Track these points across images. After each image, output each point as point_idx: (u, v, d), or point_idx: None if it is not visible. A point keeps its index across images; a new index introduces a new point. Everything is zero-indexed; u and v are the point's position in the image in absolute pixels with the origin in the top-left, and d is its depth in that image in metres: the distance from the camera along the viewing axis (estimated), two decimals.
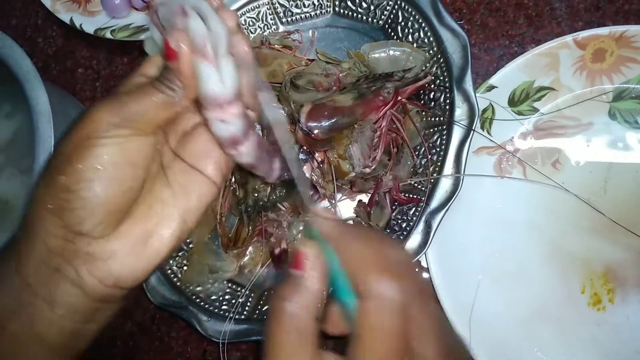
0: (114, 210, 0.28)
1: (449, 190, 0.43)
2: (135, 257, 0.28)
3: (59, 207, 0.27)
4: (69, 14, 0.54)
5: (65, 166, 0.27)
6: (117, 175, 0.27)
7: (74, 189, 0.26)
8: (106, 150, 0.27)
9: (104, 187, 0.27)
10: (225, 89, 0.26)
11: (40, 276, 0.28)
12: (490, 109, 0.46)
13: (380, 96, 0.43)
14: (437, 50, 0.45)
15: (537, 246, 0.45)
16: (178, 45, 0.26)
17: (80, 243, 0.27)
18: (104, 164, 0.27)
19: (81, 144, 0.27)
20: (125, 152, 0.27)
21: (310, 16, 0.51)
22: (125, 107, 0.27)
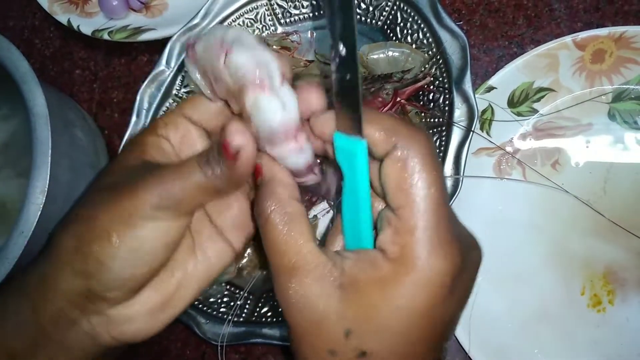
0: (140, 284, 0.28)
1: (448, 192, 0.42)
2: (151, 321, 0.28)
3: (87, 273, 0.26)
4: (67, 15, 0.54)
5: (101, 238, 0.26)
6: (152, 258, 0.27)
7: (105, 263, 0.26)
8: (145, 232, 0.26)
9: (136, 268, 0.27)
10: (292, 116, 0.25)
11: (56, 326, 0.28)
12: (490, 110, 0.46)
13: (379, 97, 0.43)
14: (436, 51, 0.45)
15: (537, 247, 0.45)
16: (237, 150, 0.24)
17: (100, 305, 0.27)
18: (141, 248, 0.26)
19: (121, 220, 0.26)
20: (164, 234, 0.27)
21: (309, 17, 0.51)
22: (169, 191, 0.26)
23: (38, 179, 0.41)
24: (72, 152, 0.47)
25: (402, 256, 0.23)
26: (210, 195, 0.27)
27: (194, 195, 0.26)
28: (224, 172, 0.25)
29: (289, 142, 0.25)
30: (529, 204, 0.45)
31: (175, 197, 0.26)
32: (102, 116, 0.56)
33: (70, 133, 0.48)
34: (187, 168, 0.26)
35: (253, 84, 0.24)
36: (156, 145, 0.29)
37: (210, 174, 0.25)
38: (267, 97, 0.24)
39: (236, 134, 0.24)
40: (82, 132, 0.50)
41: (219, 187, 0.26)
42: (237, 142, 0.24)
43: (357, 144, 0.24)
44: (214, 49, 0.25)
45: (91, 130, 0.52)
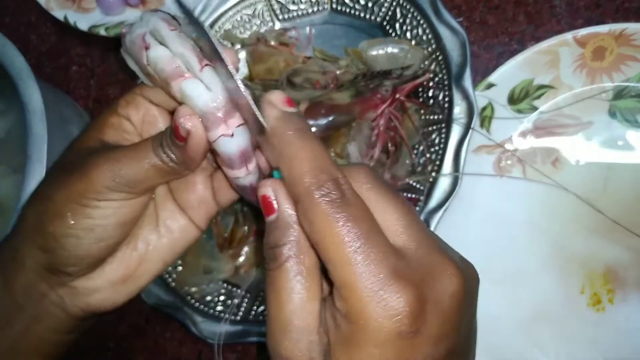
0: (97, 259, 0.28)
1: (447, 190, 0.42)
2: (115, 293, 0.29)
3: (46, 249, 0.27)
4: (63, 11, 0.54)
5: (56, 218, 0.27)
6: (106, 235, 0.27)
7: (62, 242, 0.27)
8: (101, 212, 0.27)
9: (90, 244, 0.27)
10: (216, 96, 0.25)
11: (27, 297, 0.28)
12: (490, 107, 0.45)
13: (378, 94, 0.43)
14: (435, 47, 0.45)
15: (537, 246, 0.45)
16: (187, 131, 0.25)
17: (63, 278, 0.28)
18: (96, 225, 0.27)
19: (75, 200, 0.26)
20: (118, 213, 0.27)
21: (307, 13, 0.50)
22: (122, 172, 0.26)
23: (33, 175, 0.41)
24: None
25: (349, 313, 0.20)
26: (164, 177, 0.27)
27: (147, 177, 0.27)
28: (177, 154, 0.26)
29: (219, 125, 0.25)
30: (528, 202, 0.45)
31: (128, 178, 0.26)
32: (98, 113, 0.55)
33: (66, 129, 0.48)
34: (140, 150, 0.27)
35: (174, 74, 0.25)
36: (117, 125, 0.29)
37: (163, 156, 0.26)
38: (189, 80, 0.25)
39: (185, 116, 0.25)
40: (78, 129, 0.50)
41: (172, 169, 0.27)
42: (186, 125, 0.25)
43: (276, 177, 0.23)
44: (136, 46, 0.26)
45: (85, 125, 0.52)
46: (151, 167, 0.26)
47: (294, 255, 0.22)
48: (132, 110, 0.29)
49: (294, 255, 0.22)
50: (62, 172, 0.28)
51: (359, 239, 0.20)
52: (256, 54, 0.49)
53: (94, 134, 0.29)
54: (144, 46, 0.26)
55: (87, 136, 0.29)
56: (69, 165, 0.28)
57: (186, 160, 0.26)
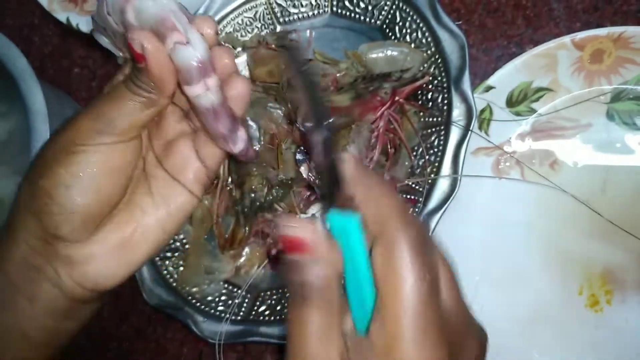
0: (91, 217, 0.28)
1: (446, 191, 0.42)
2: (114, 262, 0.29)
3: (38, 210, 0.27)
4: (66, 14, 0.54)
5: (46, 170, 0.27)
6: (97, 183, 0.27)
7: (52, 194, 0.27)
8: (88, 157, 0.27)
9: (83, 195, 0.27)
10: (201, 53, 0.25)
11: (22, 274, 0.28)
12: (488, 109, 0.46)
13: (378, 96, 0.43)
14: (435, 50, 0.45)
15: (535, 247, 0.45)
16: (141, 46, 0.25)
17: (58, 245, 0.28)
18: (84, 171, 0.27)
19: (63, 149, 0.27)
20: (107, 159, 0.27)
21: (307, 16, 0.51)
22: (104, 113, 0.27)
23: None
24: None
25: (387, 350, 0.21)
26: (142, 110, 0.27)
27: (128, 113, 0.27)
28: (144, 80, 0.26)
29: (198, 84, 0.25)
30: (527, 204, 0.45)
31: (111, 118, 0.27)
32: None
33: None
34: (116, 90, 0.27)
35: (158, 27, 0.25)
36: None
37: (134, 87, 0.26)
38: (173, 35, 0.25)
39: (135, 34, 0.25)
40: None
41: (147, 99, 0.27)
42: (137, 38, 0.25)
43: (349, 220, 0.22)
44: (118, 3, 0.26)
45: None
46: (127, 102, 0.27)
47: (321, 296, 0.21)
48: None
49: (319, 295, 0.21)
50: (54, 134, 0.29)
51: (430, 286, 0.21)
52: (257, 56, 0.49)
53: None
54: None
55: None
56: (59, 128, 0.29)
57: (155, 82, 0.26)
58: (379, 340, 0.21)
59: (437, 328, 0.21)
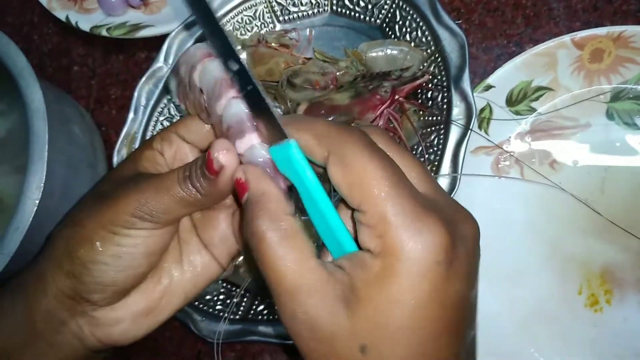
0: (124, 289, 0.29)
1: (446, 190, 0.42)
2: (136, 325, 0.30)
3: (72, 274, 0.28)
4: (65, 12, 0.54)
5: (85, 242, 0.28)
6: (133, 264, 0.28)
7: (90, 268, 0.27)
8: (127, 240, 0.27)
9: (117, 272, 0.28)
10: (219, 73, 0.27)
11: (47, 324, 0.29)
12: (488, 108, 0.46)
13: (378, 95, 0.43)
14: (434, 49, 0.45)
15: (535, 247, 0.45)
16: (221, 164, 0.25)
17: (86, 307, 0.28)
18: (123, 254, 0.27)
19: (105, 227, 0.27)
20: (147, 243, 0.28)
21: (307, 15, 0.51)
22: (148, 203, 0.27)
23: (34, 174, 0.41)
24: (69, 149, 0.47)
25: (385, 248, 0.21)
26: (189, 208, 0.28)
27: (172, 207, 0.27)
28: (204, 186, 0.26)
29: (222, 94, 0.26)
30: (526, 203, 0.45)
31: (153, 208, 0.27)
32: (99, 113, 0.56)
33: (67, 129, 0.48)
34: (167, 180, 0.27)
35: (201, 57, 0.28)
36: (151, 158, 0.30)
37: (189, 187, 0.27)
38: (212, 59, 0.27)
39: (222, 150, 0.25)
40: (80, 129, 0.50)
41: (197, 201, 0.27)
42: (220, 159, 0.25)
43: (286, 147, 0.24)
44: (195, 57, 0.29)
45: (88, 127, 0.52)
46: (174, 199, 0.27)
47: (271, 222, 0.23)
48: (166, 146, 0.31)
49: (270, 223, 0.23)
50: (95, 199, 0.29)
51: (395, 176, 0.22)
52: (257, 55, 0.49)
53: (130, 165, 0.30)
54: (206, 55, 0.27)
55: (123, 166, 0.31)
56: (102, 193, 0.29)
57: (213, 193, 0.27)
58: (372, 244, 0.22)
59: (426, 208, 0.22)
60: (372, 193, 0.21)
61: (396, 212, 0.21)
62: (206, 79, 0.27)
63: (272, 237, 0.22)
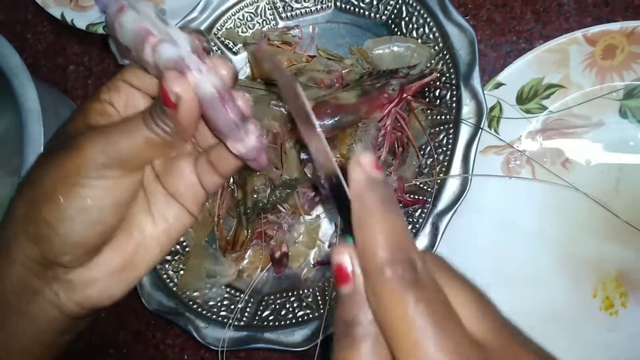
0: (94, 245, 0.27)
1: (456, 191, 0.41)
2: (114, 283, 0.28)
3: (38, 237, 0.26)
4: (60, 9, 0.52)
5: (48, 200, 0.26)
6: (101, 216, 0.26)
7: (55, 226, 0.26)
8: (92, 191, 0.26)
9: (85, 227, 0.26)
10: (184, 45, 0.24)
11: (19, 295, 0.27)
12: (498, 107, 0.45)
13: (385, 93, 0.42)
14: (443, 46, 0.44)
15: (548, 249, 0.44)
16: (176, 95, 0.24)
17: (58, 271, 0.27)
18: (89, 207, 0.26)
19: (67, 180, 0.26)
20: (113, 193, 0.26)
21: (310, 11, 0.49)
22: (115, 147, 0.25)
23: None
24: None
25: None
26: (158, 149, 0.27)
27: (142, 151, 0.26)
28: (167, 123, 0.25)
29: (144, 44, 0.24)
30: (539, 204, 0.44)
31: (122, 152, 0.25)
32: None
33: None
34: (132, 123, 0.26)
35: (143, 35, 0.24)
36: (100, 110, 0.28)
37: (156, 128, 0.25)
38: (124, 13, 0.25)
39: (173, 80, 0.24)
40: None
41: (165, 140, 0.26)
42: (174, 87, 0.24)
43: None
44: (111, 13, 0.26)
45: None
46: (144, 140, 0.26)
47: (370, 337, 0.19)
48: (115, 95, 0.28)
49: (370, 337, 0.19)
50: (51, 155, 0.27)
51: (432, 325, 0.18)
52: (259, 53, 0.47)
53: (79, 119, 0.28)
54: (119, 10, 0.25)
55: (72, 122, 0.28)
56: (57, 147, 0.27)
57: (179, 128, 0.25)
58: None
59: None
60: (404, 343, 0.18)
61: None
62: (126, 36, 0.25)
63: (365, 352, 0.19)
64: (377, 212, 0.19)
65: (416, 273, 0.18)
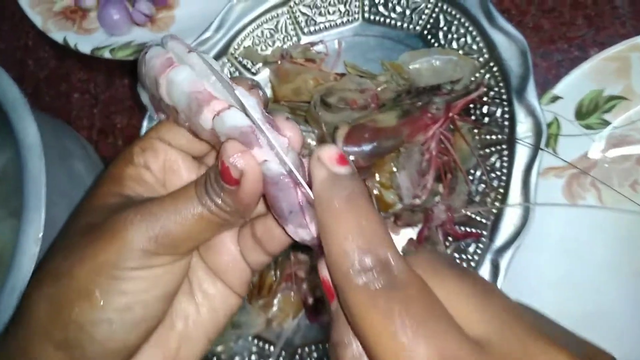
0: (134, 348, 0.22)
1: (517, 223, 0.36)
2: None
3: (66, 345, 0.21)
4: (62, 33, 0.49)
5: (80, 298, 0.21)
6: (145, 313, 0.22)
7: (88, 330, 0.21)
8: (137, 284, 0.21)
9: (127, 330, 0.21)
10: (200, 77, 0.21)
11: None
12: (555, 123, 0.39)
13: (428, 113, 0.37)
14: (489, 57, 0.39)
15: (620, 283, 0.38)
16: (240, 170, 0.20)
17: None
18: (133, 304, 0.21)
19: (104, 272, 0.21)
20: (160, 284, 0.22)
21: (335, 24, 0.45)
22: (164, 229, 0.21)
23: (30, 224, 0.36)
24: (71, 188, 0.41)
25: None
26: (214, 231, 0.22)
27: (196, 233, 0.22)
28: (227, 201, 0.21)
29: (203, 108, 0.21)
30: (607, 233, 0.39)
31: (172, 235, 0.21)
32: (104, 145, 0.50)
33: (68, 166, 0.43)
34: (182, 200, 0.22)
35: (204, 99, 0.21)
36: (136, 177, 0.24)
37: (212, 206, 0.21)
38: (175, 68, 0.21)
39: (235, 153, 0.20)
40: (82, 164, 0.44)
41: (223, 219, 0.22)
42: (237, 163, 0.20)
43: None
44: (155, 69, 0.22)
45: (92, 161, 0.46)
46: (199, 220, 0.21)
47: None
48: (151, 157, 0.24)
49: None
50: (80, 238, 0.22)
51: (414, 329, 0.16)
52: (281, 72, 0.43)
53: (110, 189, 0.24)
54: (167, 65, 0.21)
55: (102, 192, 0.24)
56: (89, 228, 0.22)
57: (239, 207, 0.21)
58: None
59: None
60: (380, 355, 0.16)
61: None
62: (177, 96, 0.22)
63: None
64: (342, 212, 0.17)
65: (390, 274, 0.17)
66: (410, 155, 0.36)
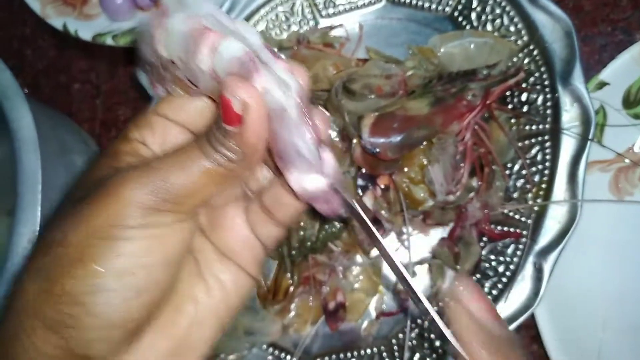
0: (136, 325, 0.20)
1: (562, 221, 0.32)
2: None
3: (59, 323, 0.19)
4: (62, 19, 0.46)
5: (74, 266, 0.19)
6: (148, 280, 0.19)
7: (85, 302, 0.19)
8: (139, 245, 0.19)
9: (128, 299, 0.19)
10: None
11: None
12: (602, 112, 0.36)
13: (464, 100, 0.34)
14: (529, 39, 0.35)
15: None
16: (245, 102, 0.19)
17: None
18: (132, 267, 0.19)
19: (100, 234, 0.19)
20: (162, 246, 0.20)
21: (356, 6, 0.41)
22: (166, 184, 0.19)
23: (25, 223, 0.34)
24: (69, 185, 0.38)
25: None
26: (220, 183, 0.21)
27: (200, 187, 0.20)
28: (231, 147, 0.20)
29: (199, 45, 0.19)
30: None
31: (175, 191, 0.20)
32: (106, 138, 0.48)
33: (67, 161, 0.41)
34: (184, 153, 0.20)
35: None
36: (131, 151, 0.22)
37: (216, 154, 0.20)
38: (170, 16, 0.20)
39: (238, 86, 0.18)
40: (83, 159, 0.42)
41: (230, 169, 0.20)
42: (241, 94, 0.18)
43: None
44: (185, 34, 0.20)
45: (93, 156, 0.44)
46: (204, 172, 0.20)
47: None
48: (147, 133, 0.22)
49: None
50: (78, 204, 0.20)
51: None
52: (298, 58, 0.40)
53: (105, 164, 0.22)
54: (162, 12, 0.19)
55: (97, 166, 0.22)
56: (84, 197, 0.20)
57: (246, 150, 0.20)
58: None
59: None
60: None
61: None
62: (173, 42, 0.20)
63: None
64: None
65: None
66: (445, 147, 0.33)
